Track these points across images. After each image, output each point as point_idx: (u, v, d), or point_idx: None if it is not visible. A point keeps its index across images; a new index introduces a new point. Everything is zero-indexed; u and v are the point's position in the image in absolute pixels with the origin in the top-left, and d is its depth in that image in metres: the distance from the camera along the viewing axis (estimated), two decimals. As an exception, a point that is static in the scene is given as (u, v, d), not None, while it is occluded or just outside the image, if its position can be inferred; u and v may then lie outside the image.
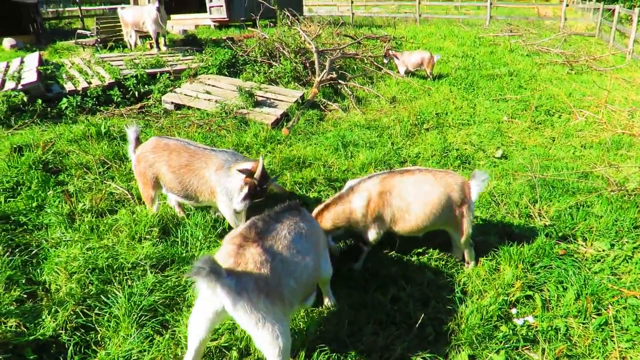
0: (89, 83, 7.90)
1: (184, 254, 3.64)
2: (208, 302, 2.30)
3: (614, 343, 2.96)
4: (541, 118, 7.84)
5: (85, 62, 9.26)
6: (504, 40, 15.57)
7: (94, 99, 7.50)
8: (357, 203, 3.51)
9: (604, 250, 3.99)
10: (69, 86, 7.75)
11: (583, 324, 3.17)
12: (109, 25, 12.30)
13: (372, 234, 3.58)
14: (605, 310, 3.24)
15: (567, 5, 20.19)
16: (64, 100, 7.09)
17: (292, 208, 2.83)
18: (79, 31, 13.57)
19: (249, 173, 3.46)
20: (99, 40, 11.76)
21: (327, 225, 3.55)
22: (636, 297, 3.31)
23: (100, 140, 5.82)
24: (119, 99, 7.60)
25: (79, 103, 7.21)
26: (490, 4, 20.58)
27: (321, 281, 3.08)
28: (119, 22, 11.69)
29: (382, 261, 3.82)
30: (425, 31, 17.54)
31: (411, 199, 3.48)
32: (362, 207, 3.50)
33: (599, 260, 3.88)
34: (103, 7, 26.60)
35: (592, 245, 4.08)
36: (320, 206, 3.61)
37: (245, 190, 3.52)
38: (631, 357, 2.93)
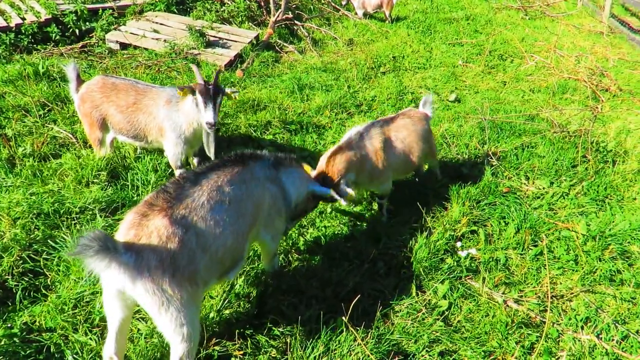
0: (23, 19, 7.21)
1: (135, 198, 3.56)
2: (109, 281, 1.97)
3: (547, 270, 3.22)
4: (494, 62, 7.97)
5: (16, -5, 8.41)
6: (463, -17, 15.38)
7: (30, 37, 6.90)
8: (369, 149, 3.47)
9: (544, 188, 4.24)
10: (0, 22, 7.07)
11: (521, 254, 3.41)
12: (41, -46, 11.12)
13: (385, 183, 3.63)
14: (541, 241, 3.48)
15: (525, -51, 19.99)
16: (-5, 37, 6.49)
17: (238, 158, 2.51)
18: (6, -40, 12.21)
19: (190, 88, 3.36)
20: (30, -29, 10.66)
21: (341, 168, 3.26)
22: (569, 229, 3.57)
23: (39, 81, 5.42)
24: (57, 37, 7.03)
25: (12, 41, 6.63)
26: (451, -56, 20.10)
27: (262, 252, 2.92)
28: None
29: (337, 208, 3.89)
30: (384, -29, 17.02)
31: (409, 140, 3.70)
32: (373, 153, 3.46)
33: (539, 197, 4.13)
34: None
35: (533, 183, 4.32)
36: (332, 149, 3.34)
37: (200, 98, 3.31)
38: (560, 282, 3.21)
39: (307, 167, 3.10)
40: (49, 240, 3.07)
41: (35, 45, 6.88)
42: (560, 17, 11.81)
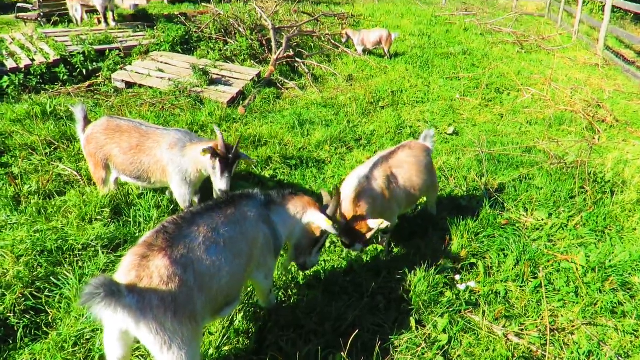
0: (32, 60, 7.48)
1: (137, 234, 3.61)
2: (112, 323, 2.01)
3: (546, 303, 3.21)
4: (491, 96, 8.13)
5: (27, 37, 8.74)
6: (459, 19, 15.85)
7: (38, 77, 7.13)
8: (377, 190, 3.43)
9: (542, 219, 4.27)
10: (10, 63, 7.31)
11: (520, 287, 3.41)
12: (52, -2, 11.62)
13: (392, 218, 3.59)
14: (540, 274, 3.48)
15: (519, -15, 20.66)
16: (5, 78, 6.71)
17: (230, 199, 2.56)
18: (19, 5, 12.73)
19: (212, 150, 3.42)
20: (41, 14, 11.11)
21: (364, 211, 3.27)
22: (568, 261, 3.58)
23: (46, 120, 5.59)
24: (65, 77, 7.27)
25: (21, 81, 6.84)
26: (447, -18, 20.81)
27: (257, 290, 2.93)
28: (64, -5, 11.07)
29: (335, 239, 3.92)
30: (383, 9, 17.56)
31: (410, 174, 3.67)
32: (381, 193, 3.42)
33: (537, 229, 4.15)
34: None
35: (532, 215, 4.34)
36: (356, 199, 3.28)
37: (218, 165, 3.43)
38: (561, 315, 3.19)
39: (306, 199, 3.04)
40: (51, 278, 3.11)
41: (43, 85, 7.10)
42: (556, 50, 12.11)
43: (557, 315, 3.21)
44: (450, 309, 3.14)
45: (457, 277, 3.46)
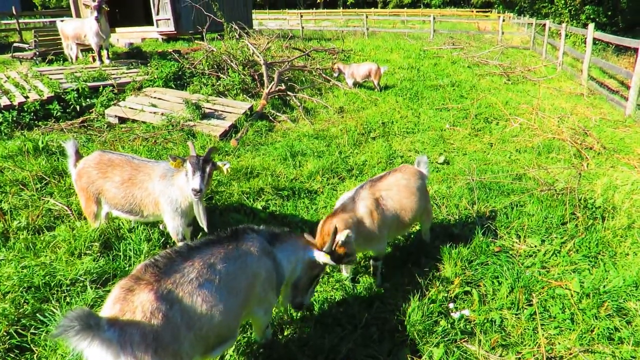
0: (26, 97, 7.56)
1: (127, 268, 3.56)
2: (92, 357, 1.90)
3: (543, 330, 3.17)
4: (480, 125, 8.26)
5: (22, 75, 8.86)
6: (447, 52, 16.31)
7: (32, 114, 7.20)
8: (362, 210, 3.45)
9: (535, 246, 4.27)
10: (4, 101, 7.38)
11: (516, 314, 3.37)
12: (48, 38, 11.88)
13: (381, 244, 3.58)
14: (534, 300, 3.45)
15: (504, 20, 21.42)
16: (-1, 115, 6.76)
17: (234, 233, 2.52)
18: (15, 44, 12.98)
19: (181, 158, 3.38)
20: (37, 53, 11.32)
21: (339, 228, 3.23)
22: (562, 287, 3.56)
23: (38, 155, 5.60)
24: (58, 114, 7.33)
25: (15, 118, 6.90)
26: (434, 18, 21.54)
27: (254, 326, 2.87)
28: (59, 35, 11.29)
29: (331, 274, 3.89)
30: (372, 44, 18.07)
31: (400, 196, 3.65)
32: (367, 214, 3.43)
33: (530, 255, 4.14)
34: (43, 20, 25.58)
35: (525, 241, 4.34)
36: (327, 216, 3.38)
37: (189, 167, 3.31)
38: (559, 343, 3.15)
39: (307, 237, 3.07)
40: (37, 314, 3.04)
41: (36, 122, 7.16)
42: (541, 81, 12.42)
43: (554, 343, 3.16)
44: (446, 339, 3.09)
45: (452, 305, 3.41)
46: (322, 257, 2.86)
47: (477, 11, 45.16)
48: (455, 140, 7.51)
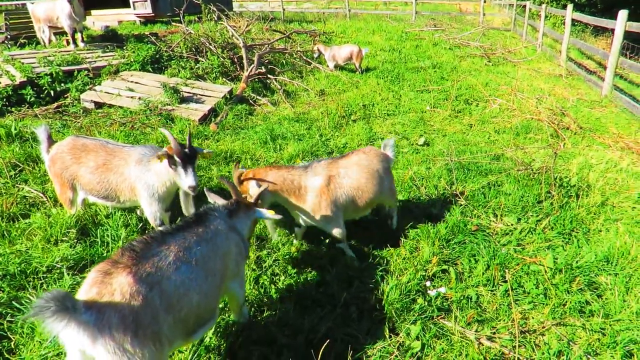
0: (-3, 82, 7.34)
1: (105, 254, 3.53)
2: (70, 341, 1.89)
3: (517, 305, 3.25)
4: (460, 107, 8.31)
5: (-8, 60, 8.58)
6: (429, 34, 16.27)
7: (4, 100, 6.99)
8: (312, 183, 3.47)
9: (511, 224, 4.35)
10: (-26, 86, 7.16)
11: (491, 291, 3.45)
12: (20, 21, 11.50)
13: (332, 223, 3.58)
14: (509, 277, 3.53)
15: (485, 2, 21.43)
16: (-32, 101, 6.56)
17: (199, 217, 2.56)
18: (-15, 28, 12.51)
19: (167, 153, 3.34)
20: (8, 37, 10.95)
21: (270, 186, 3.39)
22: (536, 264, 3.65)
23: (11, 142, 5.46)
24: (32, 99, 7.14)
25: (-14, 104, 6.70)
26: (416, 0, 21.40)
27: (231, 303, 2.91)
28: (30, 17, 10.93)
29: (308, 250, 3.92)
30: (354, 26, 17.91)
31: (359, 176, 3.64)
32: (315, 189, 3.46)
33: (507, 234, 4.22)
34: (14, 2, 24.70)
35: (501, 220, 4.42)
36: (268, 167, 3.48)
37: (179, 163, 3.30)
38: (532, 317, 3.24)
39: (245, 199, 3.07)
40: (13, 302, 3.00)
41: (9, 108, 6.95)
42: (521, 62, 12.51)
43: (528, 317, 3.25)
44: (423, 316, 3.15)
45: (429, 284, 3.48)
46: (269, 215, 2.99)
47: (459, -8, 44.95)
48: (436, 122, 7.55)
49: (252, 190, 3.26)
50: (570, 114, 7.68)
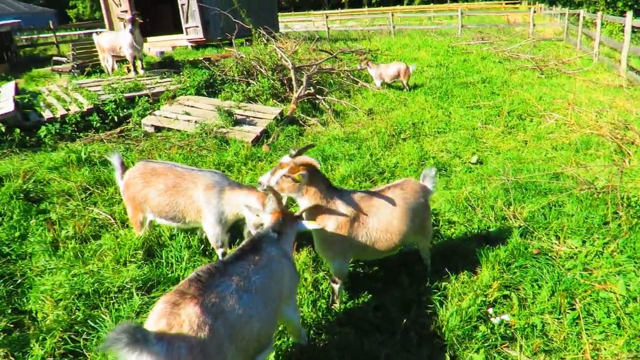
0: (67, 110, 7.91)
1: (170, 275, 3.69)
2: None
3: (588, 336, 3.10)
4: (514, 123, 8.10)
5: (62, 89, 9.26)
6: (476, 48, 16.02)
7: (73, 126, 7.52)
8: (337, 211, 3.22)
9: (576, 247, 4.16)
10: (47, 114, 7.75)
11: (558, 319, 3.31)
12: (85, 50, 12.36)
13: (335, 261, 3.33)
14: (578, 304, 3.37)
15: (534, 12, 20.88)
16: (43, 128, 7.11)
17: (254, 245, 2.60)
18: (54, 58, 13.56)
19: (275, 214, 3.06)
20: (75, 66, 11.78)
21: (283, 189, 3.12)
22: (606, 291, 3.46)
23: (81, 166, 5.85)
24: (98, 125, 7.63)
25: (57, 130, 7.23)
26: (462, 13, 21.18)
27: (288, 327, 2.92)
28: (95, 46, 11.74)
29: (363, 273, 3.92)
30: (399, 42, 17.93)
31: (390, 217, 3.34)
32: (338, 220, 3.20)
33: (571, 257, 4.04)
34: (78, 32, 26.58)
35: (564, 243, 4.24)
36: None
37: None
38: (605, 348, 3.07)
39: (287, 213, 3.03)
40: (88, 321, 3.19)
41: (78, 133, 7.46)
42: (577, 73, 12.04)
43: (600, 349, 3.08)
44: (486, 344, 3.06)
45: (491, 310, 3.38)
46: (309, 226, 3.01)
47: (506, 3, 44.04)
48: (488, 138, 7.38)
49: (302, 206, 3.17)
50: (635, 128, 7.27)
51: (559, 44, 17.82)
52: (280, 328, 3.13)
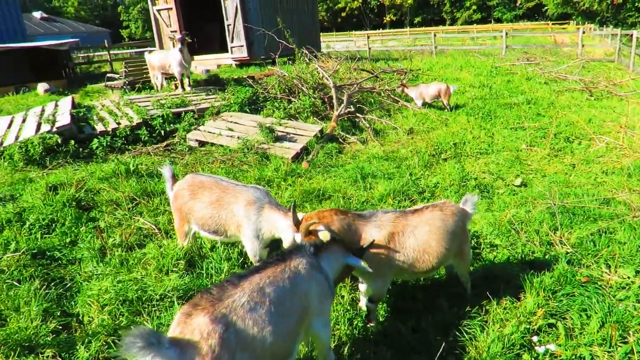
0: (118, 124, 8.31)
1: (209, 285, 3.75)
2: None
3: (641, 371, 2.91)
4: (561, 145, 7.84)
5: (114, 104, 9.76)
6: (521, 69, 15.69)
7: (123, 139, 7.88)
8: (370, 235, 3.25)
9: (628, 277, 3.94)
10: (99, 127, 8.17)
11: (608, 352, 3.13)
12: (136, 68, 13.00)
13: (376, 283, 3.33)
14: (631, 338, 3.18)
15: (584, 32, 20.30)
16: (95, 140, 7.49)
17: (280, 257, 2.65)
18: (108, 75, 14.32)
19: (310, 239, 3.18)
20: (127, 82, 12.39)
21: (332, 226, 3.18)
22: (662, 325, 3.25)
23: (129, 177, 6.10)
24: (146, 138, 7.96)
25: (108, 143, 7.60)
26: (506, 33, 20.86)
27: (316, 343, 2.90)
28: (146, 64, 12.33)
29: (402, 293, 3.86)
30: (441, 62, 17.82)
31: (427, 237, 3.32)
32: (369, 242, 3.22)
33: (623, 288, 3.83)
34: (130, 51, 28.01)
35: (616, 272, 4.03)
36: (334, 211, 3.26)
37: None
38: (660, 387, 2.87)
39: (341, 243, 3.10)
40: (131, 326, 3.29)
41: (127, 146, 7.81)
42: (629, 95, 11.55)
43: (655, 386, 2.89)
44: (530, 374, 2.93)
45: (535, 338, 3.24)
46: (360, 264, 2.98)
47: (553, 24, 43.10)
48: (533, 161, 7.17)
49: (323, 238, 3.15)
50: (693, 153, 6.89)
51: (610, 65, 17.20)
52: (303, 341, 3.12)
